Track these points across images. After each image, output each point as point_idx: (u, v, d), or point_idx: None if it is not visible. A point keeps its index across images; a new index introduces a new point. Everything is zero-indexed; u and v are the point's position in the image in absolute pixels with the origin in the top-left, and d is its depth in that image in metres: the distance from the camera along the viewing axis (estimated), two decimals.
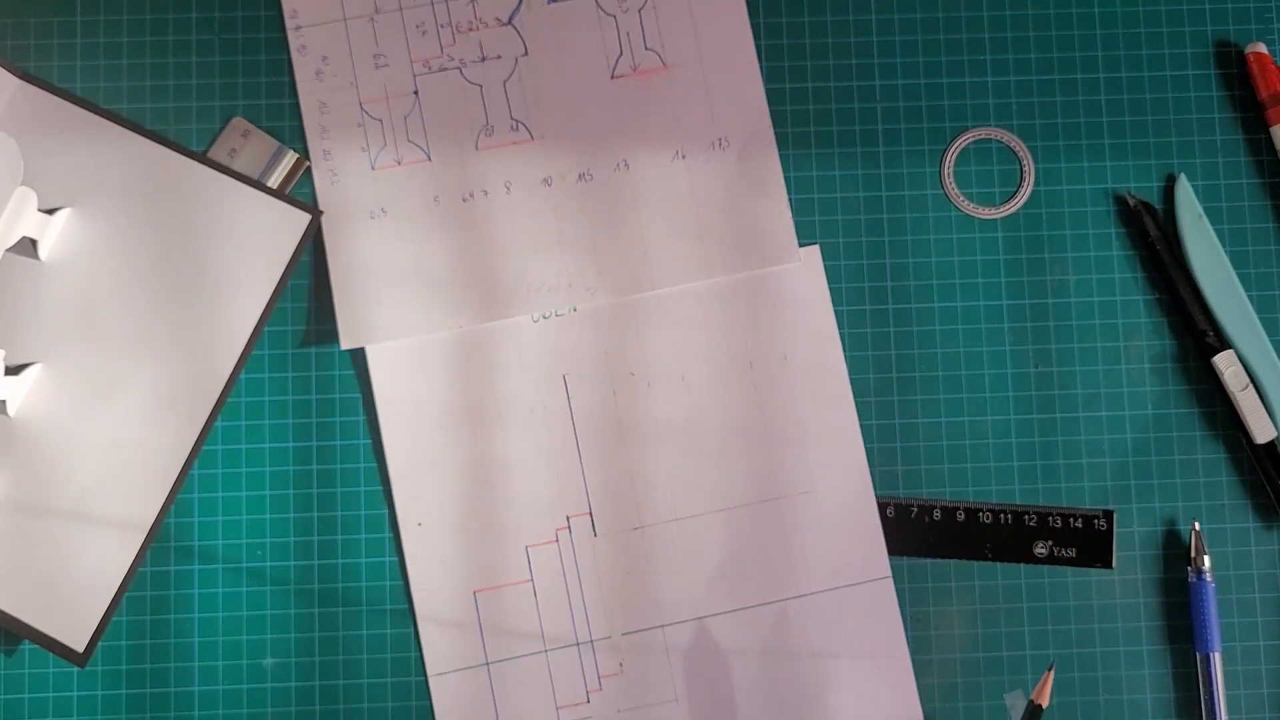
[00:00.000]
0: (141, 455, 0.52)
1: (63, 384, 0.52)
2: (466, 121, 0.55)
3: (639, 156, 0.55)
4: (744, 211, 0.55)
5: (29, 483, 0.52)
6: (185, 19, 0.56)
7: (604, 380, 0.54)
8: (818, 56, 0.56)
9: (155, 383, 0.53)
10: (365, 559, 0.54)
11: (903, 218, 0.56)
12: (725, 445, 0.54)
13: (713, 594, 0.53)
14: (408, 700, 0.53)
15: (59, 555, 0.52)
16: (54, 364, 0.53)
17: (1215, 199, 0.56)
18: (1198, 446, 0.55)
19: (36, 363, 0.52)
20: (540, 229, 0.55)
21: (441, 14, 0.56)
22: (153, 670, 0.53)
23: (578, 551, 0.53)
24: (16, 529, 0.52)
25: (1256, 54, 0.56)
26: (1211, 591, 0.53)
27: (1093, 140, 0.56)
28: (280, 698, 0.53)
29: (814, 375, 0.54)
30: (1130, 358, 0.55)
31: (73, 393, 0.52)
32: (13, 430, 0.52)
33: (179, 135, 0.55)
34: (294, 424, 0.54)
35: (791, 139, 0.56)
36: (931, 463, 0.55)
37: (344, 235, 0.55)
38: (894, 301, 0.55)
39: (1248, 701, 0.54)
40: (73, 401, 0.52)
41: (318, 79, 0.55)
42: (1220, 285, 0.55)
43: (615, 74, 0.56)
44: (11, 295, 0.53)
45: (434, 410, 0.54)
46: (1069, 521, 0.54)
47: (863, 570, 0.53)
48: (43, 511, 0.52)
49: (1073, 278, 0.55)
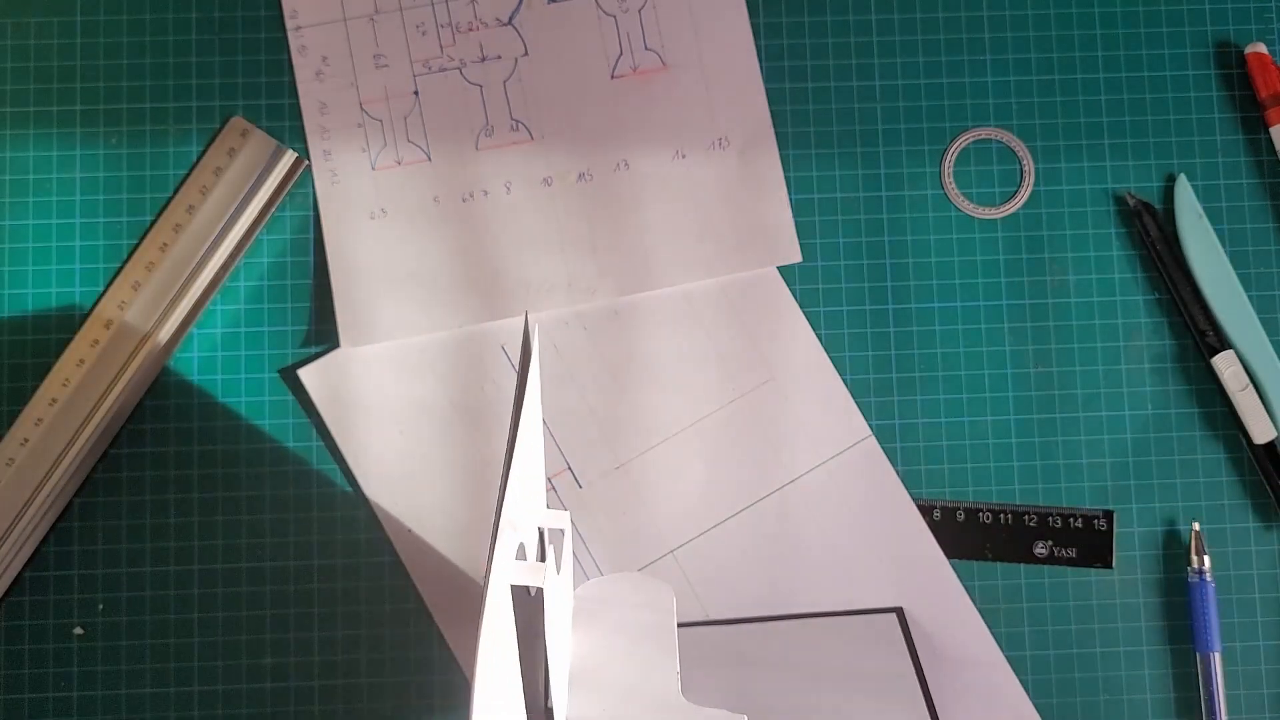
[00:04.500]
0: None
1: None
2: (466, 121, 0.55)
3: (639, 156, 0.55)
4: (744, 211, 0.55)
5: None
6: (185, 19, 0.56)
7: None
8: (818, 56, 0.56)
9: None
10: (365, 559, 0.54)
11: (903, 218, 0.56)
12: (678, 372, 0.54)
13: (710, 506, 0.54)
14: (408, 700, 0.53)
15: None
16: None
17: (1215, 199, 0.56)
18: (1198, 446, 0.55)
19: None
20: (540, 229, 0.55)
21: (441, 14, 0.56)
22: (153, 670, 0.53)
23: (570, 507, 0.54)
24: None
25: (1256, 54, 0.56)
26: (1211, 591, 0.53)
27: (1093, 140, 0.56)
28: (280, 698, 0.53)
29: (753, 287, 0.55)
30: (1130, 358, 0.55)
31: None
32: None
33: (179, 135, 0.55)
34: (293, 424, 0.54)
35: (791, 139, 0.56)
36: (931, 463, 0.54)
37: (344, 235, 0.55)
38: (894, 301, 0.55)
39: (1248, 701, 0.54)
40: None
41: (318, 79, 0.55)
42: (1220, 285, 0.55)
43: (615, 74, 0.56)
44: None
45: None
46: (1069, 521, 0.54)
47: (844, 438, 0.54)
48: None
49: (1073, 278, 0.55)
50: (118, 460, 0.54)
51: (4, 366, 0.54)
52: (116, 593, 0.53)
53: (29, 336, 0.54)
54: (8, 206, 0.55)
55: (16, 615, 0.53)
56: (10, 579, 0.53)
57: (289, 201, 0.55)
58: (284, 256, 0.55)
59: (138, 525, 0.54)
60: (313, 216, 0.55)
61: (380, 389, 0.54)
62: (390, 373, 0.54)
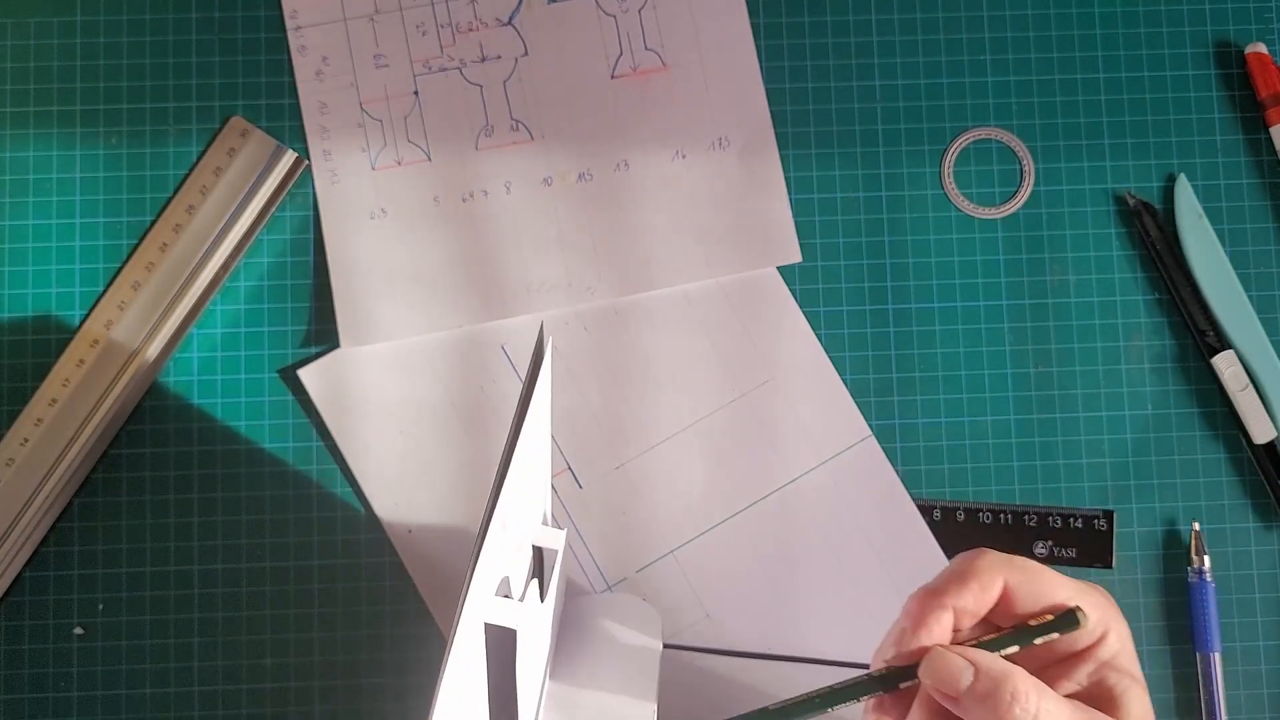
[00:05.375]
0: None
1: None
2: (466, 121, 0.55)
3: (639, 156, 0.55)
4: (744, 211, 0.55)
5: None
6: (185, 19, 0.56)
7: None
8: (818, 56, 0.56)
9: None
10: (365, 559, 0.54)
11: (903, 218, 0.56)
12: (678, 372, 0.54)
13: (710, 506, 0.54)
14: (408, 701, 0.53)
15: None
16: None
17: (1215, 199, 0.56)
18: (1198, 446, 0.55)
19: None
20: (540, 229, 0.55)
21: (441, 14, 0.56)
22: (153, 670, 0.53)
23: (570, 508, 0.54)
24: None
25: (1256, 54, 0.56)
26: (1211, 591, 0.53)
27: (1093, 140, 0.56)
28: (280, 698, 0.53)
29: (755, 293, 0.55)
30: (1130, 358, 0.55)
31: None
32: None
33: (179, 135, 0.55)
34: (293, 424, 0.54)
35: (791, 139, 0.56)
36: (931, 463, 0.55)
37: (344, 235, 0.55)
38: (894, 301, 0.55)
39: (1248, 701, 0.54)
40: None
41: (318, 79, 0.55)
42: (1220, 285, 0.55)
43: (615, 74, 0.56)
44: None
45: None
46: (1069, 521, 0.54)
47: (844, 438, 0.54)
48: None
49: (1073, 278, 0.55)
50: (118, 460, 0.54)
51: (4, 367, 0.54)
52: (116, 593, 0.53)
53: (29, 337, 0.54)
54: (8, 206, 0.55)
55: (16, 615, 0.53)
56: (10, 579, 0.53)
57: (289, 201, 0.55)
58: (284, 256, 0.55)
59: (138, 525, 0.54)
60: (313, 216, 0.55)
61: (380, 389, 0.54)
62: (390, 373, 0.54)
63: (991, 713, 0.38)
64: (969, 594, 0.40)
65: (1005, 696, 0.38)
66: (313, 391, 0.54)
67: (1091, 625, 0.40)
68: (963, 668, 0.39)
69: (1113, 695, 0.40)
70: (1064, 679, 0.41)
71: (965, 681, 0.39)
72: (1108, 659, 0.41)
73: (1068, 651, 0.41)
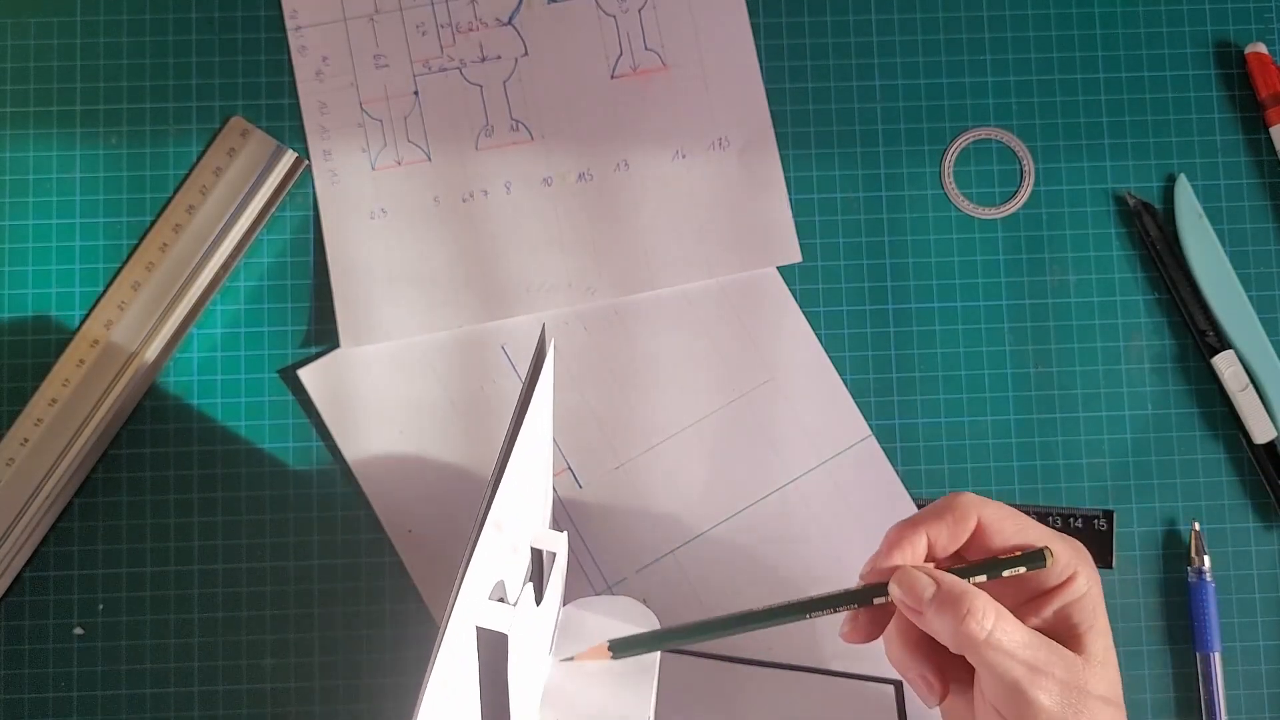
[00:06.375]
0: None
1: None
2: (466, 121, 0.55)
3: (639, 156, 0.55)
4: (744, 211, 0.55)
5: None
6: (185, 19, 0.56)
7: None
8: (818, 56, 0.56)
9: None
10: (365, 559, 0.54)
11: (903, 218, 0.56)
12: (678, 372, 0.54)
13: (710, 506, 0.54)
14: (408, 701, 0.53)
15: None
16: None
17: (1215, 199, 0.56)
18: (1198, 446, 0.55)
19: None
20: (540, 229, 0.55)
21: (441, 14, 0.56)
22: (153, 670, 0.53)
23: (570, 508, 0.54)
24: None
25: (1256, 54, 0.56)
26: (1211, 591, 0.53)
27: (1093, 140, 0.56)
28: (280, 698, 0.53)
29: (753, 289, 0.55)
30: (1130, 358, 0.55)
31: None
32: None
33: (179, 135, 0.55)
34: (293, 424, 0.54)
35: (791, 139, 0.56)
36: (931, 463, 0.55)
37: (344, 235, 0.55)
38: (894, 301, 0.55)
39: (1248, 701, 0.54)
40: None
41: (318, 79, 0.55)
42: (1220, 285, 0.55)
43: (615, 74, 0.56)
44: None
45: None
46: (1069, 521, 0.54)
47: (844, 438, 0.54)
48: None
49: (1073, 278, 0.55)
50: (118, 460, 0.54)
51: (4, 367, 0.54)
52: (116, 593, 0.53)
53: (29, 337, 0.54)
54: (8, 206, 0.55)
55: (16, 615, 0.53)
56: (10, 579, 0.53)
57: (289, 201, 0.55)
58: (284, 256, 0.55)
59: (138, 525, 0.54)
60: (313, 216, 0.55)
61: (380, 389, 0.54)
62: (390, 373, 0.54)
63: (949, 625, 0.41)
64: (944, 525, 0.44)
65: (962, 610, 0.41)
66: (313, 391, 0.54)
67: (1060, 567, 0.43)
68: (926, 583, 0.42)
69: (1076, 633, 0.43)
70: (1031, 615, 0.43)
71: (928, 593, 0.42)
72: (1074, 599, 0.43)
73: (1038, 590, 0.43)
